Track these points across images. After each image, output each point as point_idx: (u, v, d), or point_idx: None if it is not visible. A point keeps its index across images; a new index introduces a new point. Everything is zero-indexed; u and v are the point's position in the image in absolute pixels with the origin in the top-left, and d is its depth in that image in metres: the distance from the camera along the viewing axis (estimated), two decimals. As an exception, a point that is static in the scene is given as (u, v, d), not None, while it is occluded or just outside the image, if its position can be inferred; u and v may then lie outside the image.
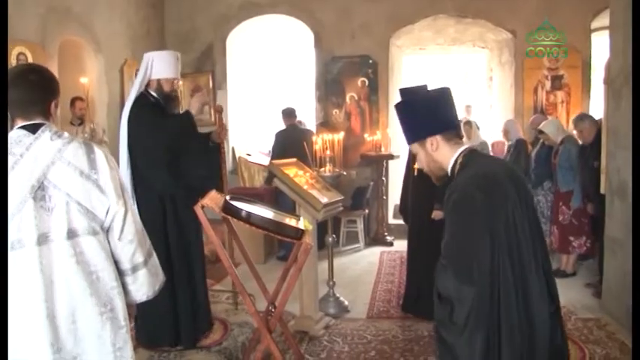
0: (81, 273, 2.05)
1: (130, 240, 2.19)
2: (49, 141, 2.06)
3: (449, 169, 2.22)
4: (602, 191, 5.03)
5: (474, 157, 2.20)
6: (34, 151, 2.02)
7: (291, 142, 6.97)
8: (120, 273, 2.21)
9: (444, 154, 2.22)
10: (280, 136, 7.28)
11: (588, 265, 6.16)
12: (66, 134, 2.13)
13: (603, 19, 6.85)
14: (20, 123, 2.09)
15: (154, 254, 2.38)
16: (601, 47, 7.59)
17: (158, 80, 4.15)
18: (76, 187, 2.05)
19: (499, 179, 2.10)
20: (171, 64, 4.21)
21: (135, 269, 2.25)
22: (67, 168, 2.05)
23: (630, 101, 4.40)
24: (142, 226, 2.30)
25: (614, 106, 4.78)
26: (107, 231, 2.15)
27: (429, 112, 2.23)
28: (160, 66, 4.14)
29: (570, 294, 5.43)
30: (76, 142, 2.11)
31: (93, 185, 2.08)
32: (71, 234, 2.03)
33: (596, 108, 7.14)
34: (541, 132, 6.17)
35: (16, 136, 2.05)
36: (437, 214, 4.50)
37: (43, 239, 1.99)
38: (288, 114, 7.39)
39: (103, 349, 2.10)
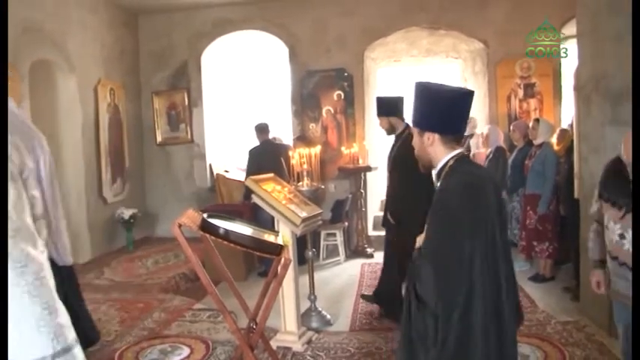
0: None
1: None
2: None
3: (437, 167, 2.30)
4: (575, 196, 5.11)
5: (464, 161, 2.29)
6: None
7: (266, 158, 6.93)
8: None
9: (436, 152, 2.29)
10: (254, 153, 7.22)
11: (566, 269, 6.23)
12: None
13: (571, 28, 6.99)
14: None
15: None
16: (570, 55, 7.73)
17: None
18: None
19: (485, 185, 2.21)
20: None
21: None
22: None
23: (601, 107, 4.50)
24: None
25: (584, 112, 4.87)
26: None
27: (439, 109, 2.26)
28: None
29: (549, 298, 5.50)
30: None
31: None
32: None
33: (568, 114, 7.26)
34: (537, 120, 6.40)
35: None
36: None
37: None
38: (261, 129, 7.35)
39: None
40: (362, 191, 8.19)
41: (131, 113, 8.80)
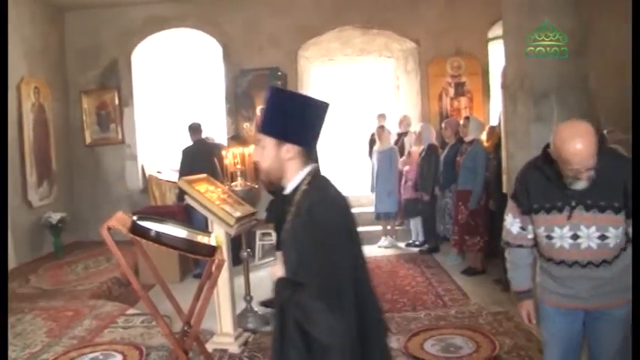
0: None
1: None
2: None
3: (291, 184, 2.06)
4: (504, 190, 5.27)
5: (320, 177, 2.08)
6: None
7: (199, 157, 6.82)
8: None
9: (293, 167, 2.05)
10: (188, 153, 7.10)
11: (496, 261, 6.42)
12: None
13: (499, 29, 7.22)
14: None
15: None
16: (498, 54, 7.99)
17: None
18: None
19: (346, 201, 2.06)
20: None
21: None
22: None
23: (525, 105, 4.66)
24: None
25: (511, 110, 5.03)
26: None
27: (306, 120, 2.03)
28: None
29: (481, 291, 5.68)
30: None
31: None
32: None
33: (496, 112, 7.50)
34: (467, 118, 6.67)
35: None
36: None
37: None
38: (195, 129, 7.23)
39: None
40: (298, 190, 8.17)
41: (58, 113, 8.46)
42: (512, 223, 2.72)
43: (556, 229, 2.53)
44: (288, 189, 2.07)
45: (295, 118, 2.00)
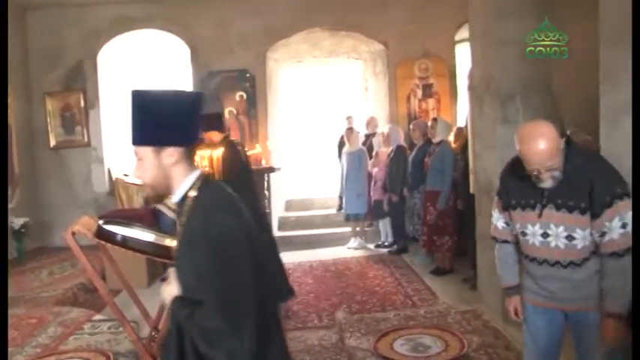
0: None
1: None
2: None
3: (179, 191, 1.88)
4: (471, 191, 5.34)
5: (210, 181, 1.93)
6: None
7: None
8: None
9: (179, 173, 1.86)
10: None
11: (466, 261, 6.49)
12: None
13: (466, 32, 7.31)
14: None
15: None
16: (464, 56, 8.11)
17: None
18: None
19: (239, 202, 1.88)
20: None
21: None
22: None
23: (492, 106, 4.72)
24: None
25: (478, 111, 5.10)
26: None
27: (180, 116, 1.84)
28: None
29: (449, 290, 5.73)
30: None
31: None
32: None
33: (463, 113, 7.60)
34: (435, 119, 6.74)
35: None
36: None
37: None
38: None
39: None
40: (266, 192, 8.14)
41: (20, 115, 8.25)
42: (497, 218, 2.80)
43: (529, 226, 2.59)
44: (176, 197, 1.88)
45: (168, 118, 1.82)
